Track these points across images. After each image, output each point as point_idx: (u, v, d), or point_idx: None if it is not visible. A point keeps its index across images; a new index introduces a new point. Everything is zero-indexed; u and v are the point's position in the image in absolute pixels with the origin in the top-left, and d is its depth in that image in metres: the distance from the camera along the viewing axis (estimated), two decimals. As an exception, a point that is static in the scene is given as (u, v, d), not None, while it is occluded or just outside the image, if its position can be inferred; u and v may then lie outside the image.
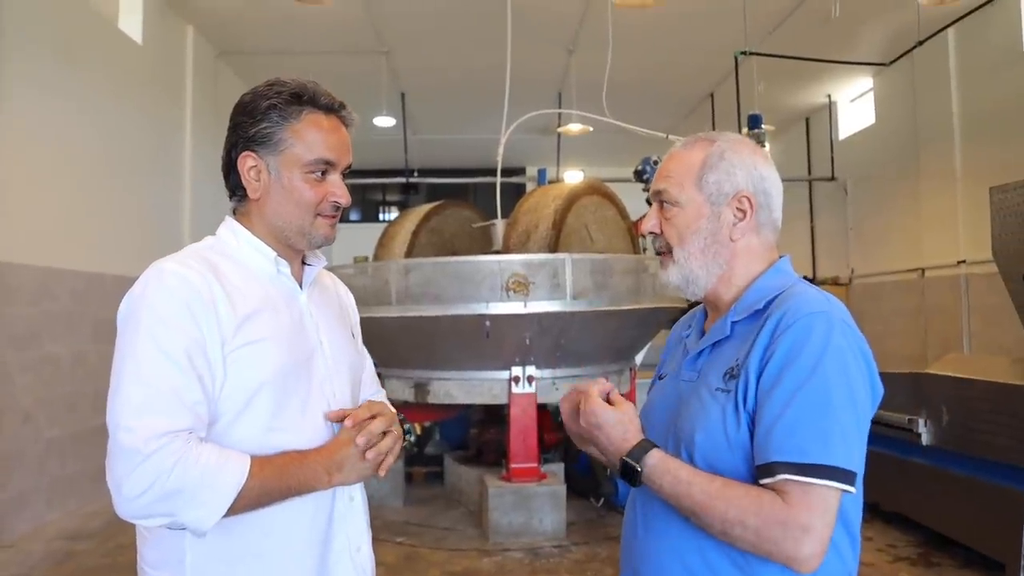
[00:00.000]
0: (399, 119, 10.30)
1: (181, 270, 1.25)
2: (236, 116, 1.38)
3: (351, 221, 15.90)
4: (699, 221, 1.33)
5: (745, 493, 1.15)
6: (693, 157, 1.35)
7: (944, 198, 8.17)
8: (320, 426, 1.35)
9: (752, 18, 7.29)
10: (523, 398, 5.15)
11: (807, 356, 1.17)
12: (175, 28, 7.61)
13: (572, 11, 7.67)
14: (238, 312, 1.27)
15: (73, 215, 5.75)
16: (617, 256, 5.49)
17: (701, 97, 10.56)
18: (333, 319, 1.49)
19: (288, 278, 1.40)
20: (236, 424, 1.26)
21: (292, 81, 1.36)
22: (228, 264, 1.34)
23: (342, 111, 1.40)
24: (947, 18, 7.20)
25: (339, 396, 1.41)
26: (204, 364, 1.22)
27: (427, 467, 6.72)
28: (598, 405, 1.30)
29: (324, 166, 1.35)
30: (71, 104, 5.73)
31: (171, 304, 1.22)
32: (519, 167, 13.77)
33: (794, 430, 1.14)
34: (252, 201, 1.38)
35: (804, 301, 1.24)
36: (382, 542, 4.95)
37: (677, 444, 1.28)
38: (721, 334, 1.31)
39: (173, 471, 1.13)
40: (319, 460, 1.29)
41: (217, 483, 1.17)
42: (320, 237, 1.38)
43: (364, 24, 7.84)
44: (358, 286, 5.41)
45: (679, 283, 1.36)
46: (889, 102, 9.49)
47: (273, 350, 1.29)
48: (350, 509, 1.40)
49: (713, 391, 1.26)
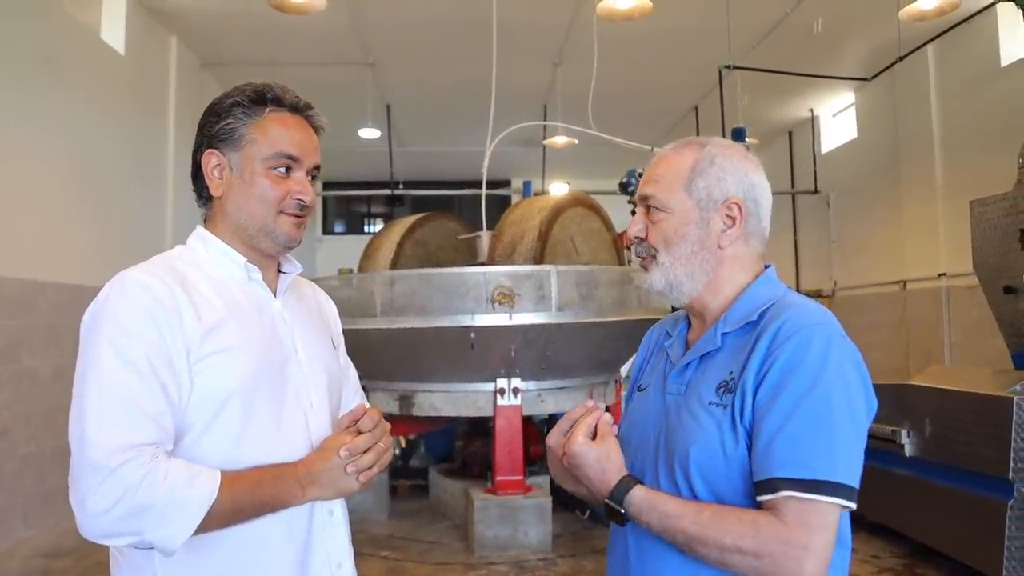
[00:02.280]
0: (384, 131, 10.29)
1: (144, 278, 1.23)
2: (203, 118, 1.37)
3: (336, 233, 15.85)
4: (687, 227, 1.29)
5: (739, 518, 1.11)
6: (683, 161, 1.31)
7: (925, 211, 8.26)
8: (297, 435, 1.31)
9: (736, 33, 7.37)
10: (508, 410, 5.12)
11: (807, 369, 1.13)
12: (158, 38, 7.57)
13: (558, 24, 7.71)
14: (204, 321, 1.24)
15: (55, 226, 5.68)
16: (602, 268, 5.49)
17: (686, 110, 10.64)
18: (310, 327, 1.46)
19: (260, 285, 1.37)
20: (206, 435, 1.22)
21: (259, 82, 1.36)
22: (196, 273, 1.31)
23: (308, 111, 1.38)
24: (927, 34, 7.30)
25: (316, 405, 1.37)
26: (168, 373, 1.18)
27: (412, 480, 6.68)
28: (576, 445, 1.24)
29: (287, 161, 1.32)
30: (53, 115, 5.68)
31: (133, 313, 1.19)
32: (504, 179, 13.80)
33: (797, 445, 1.10)
34: (216, 201, 1.36)
35: (801, 313, 1.20)
36: (366, 556, 4.90)
37: (670, 460, 1.23)
38: (711, 346, 1.27)
39: (140, 486, 1.10)
40: (293, 475, 1.24)
41: (186, 500, 1.13)
42: (284, 236, 1.34)
43: (349, 35, 7.85)
44: (343, 298, 5.38)
45: (662, 288, 1.31)
46: (871, 116, 9.60)
47: (241, 359, 1.25)
48: (330, 523, 1.36)
49: (706, 405, 1.21)
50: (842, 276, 10.29)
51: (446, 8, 7.25)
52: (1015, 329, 4.39)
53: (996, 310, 4.53)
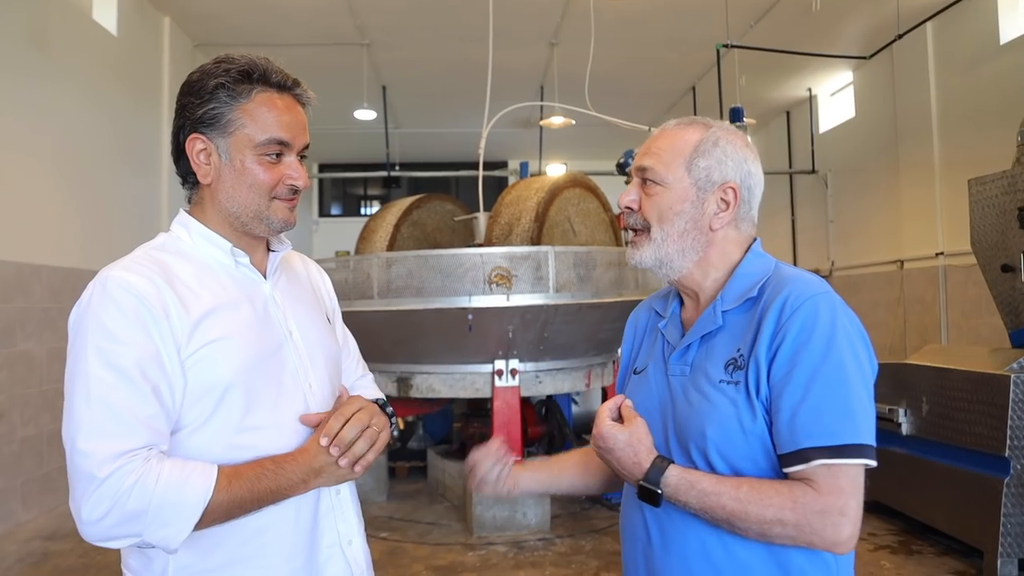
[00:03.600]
0: (380, 112, 10.23)
1: (127, 277, 1.19)
2: (183, 97, 1.30)
3: (332, 215, 15.79)
4: (683, 204, 1.29)
5: (776, 490, 1.14)
6: (687, 138, 1.31)
7: (923, 190, 8.24)
8: (298, 418, 1.30)
9: (733, 11, 7.30)
10: (506, 391, 5.13)
11: (818, 338, 1.17)
12: (151, 19, 7.49)
13: (554, 4, 7.64)
14: (191, 314, 1.21)
15: (48, 209, 5.65)
16: (600, 248, 5.47)
17: (683, 90, 10.57)
18: (304, 306, 1.43)
19: (249, 268, 1.34)
20: (205, 427, 1.21)
21: (242, 58, 1.28)
22: (181, 262, 1.28)
23: (296, 89, 1.32)
24: (926, 12, 7.25)
25: (316, 386, 1.35)
26: (159, 374, 1.17)
27: (410, 462, 6.70)
28: (605, 428, 1.25)
29: (278, 147, 1.28)
30: (44, 97, 5.62)
31: (117, 315, 1.16)
32: (501, 160, 13.75)
33: (820, 413, 1.14)
34: (204, 187, 1.32)
35: (804, 283, 1.23)
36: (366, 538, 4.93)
37: (683, 441, 1.25)
38: (712, 324, 1.28)
39: (132, 493, 1.10)
40: (296, 467, 1.23)
41: (181, 500, 1.12)
42: (279, 221, 1.31)
43: (344, 16, 7.76)
44: (339, 280, 5.36)
45: (652, 264, 1.32)
46: (869, 96, 9.55)
47: (234, 347, 1.23)
48: (337, 503, 1.36)
49: (717, 383, 1.23)
50: (839, 256, 10.29)
51: (441, -13, 7.18)
52: (1012, 308, 4.39)
53: (994, 289, 4.53)
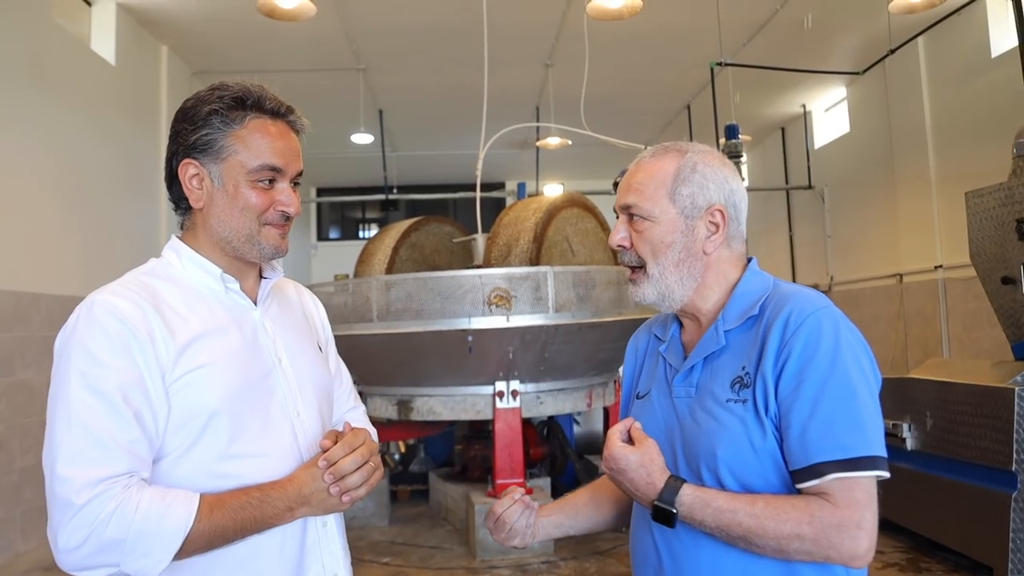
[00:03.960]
0: (377, 136, 10.28)
1: (113, 301, 1.19)
2: (176, 123, 1.31)
3: (331, 239, 15.82)
4: (673, 235, 1.30)
5: (792, 505, 1.14)
6: (664, 168, 1.32)
7: (920, 204, 8.26)
8: (285, 448, 1.28)
9: (727, 30, 7.37)
10: (508, 413, 5.10)
11: (823, 352, 1.17)
12: (149, 48, 7.54)
13: (548, 25, 7.70)
14: (178, 339, 1.20)
15: (47, 238, 5.65)
16: (599, 268, 5.48)
17: (678, 109, 10.64)
18: (295, 334, 1.42)
19: (239, 295, 1.34)
20: (189, 455, 1.20)
21: (236, 85, 1.29)
22: (170, 287, 1.28)
23: (290, 116, 1.32)
24: (917, 26, 7.31)
25: (304, 415, 1.34)
26: (142, 400, 1.16)
27: (412, 485, 6.65)
28: (616, 449, 1.24)
29: (271, 173, 1.28)
30: (44, 126, 5.65)
31: (102, 339, 1.15)
32: (498, 182, 13.79)
33: (830, 427, 1.14)
34: (196, 212, 1.32)
35: (806, 300, 1.24)
36: (368, 563, 4.88)
37: (692, 462, 1.25)
38: (715, 345, 1.29)
39: (110, 521, 1.08)
40: (282, 496, 1.21)
41: (161, 530, 1.10)
42: (270, 247, 1.31)
43: (340, 42, 7.83)
44: (338, 304, 5.36)
45: (654, 299, 1.33)
46: (863, 110, 9.61)
47: (220, 374, 1.22)
48: (324, 535, 1.34)
49: (724, 403, 1.23)
50: (838, 271, 10.29)
51: (436, 12, 7.24)
52: (1014, 320, 4.38)
53: (994, 301, 4.52)
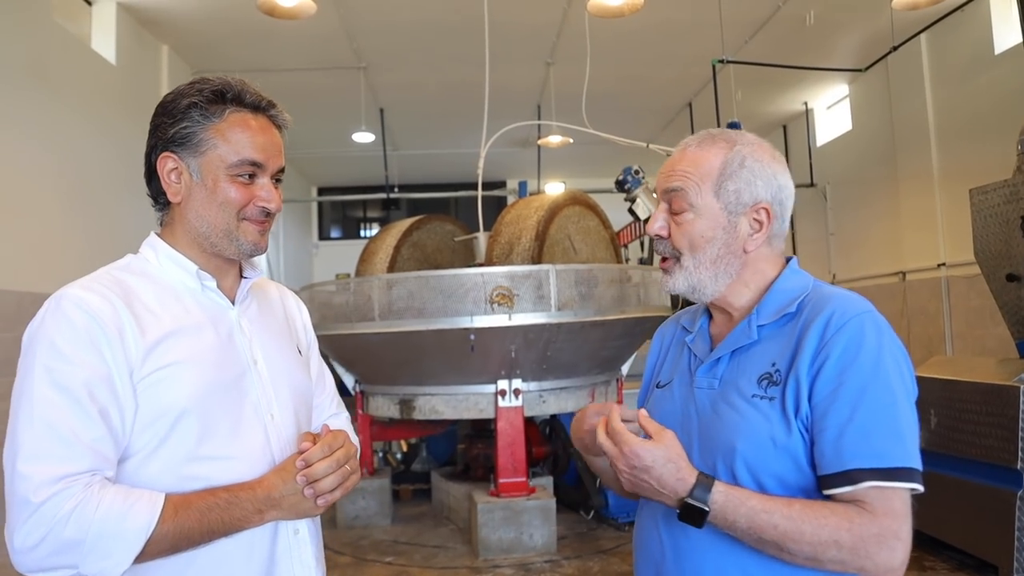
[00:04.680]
0: (378, 135, 10.26)
1: (83, 295, 1.17)
2: (156, 117, 1.29)
3: (332, 238, 15.80)
4: (714, 230, 1.25)
5: (830, 511, 1.09)
6: (711, 159, 1.26)
7: (923, 201, 8.24)
8: (257, 451, 1.25)
9: (728, 27, 7.34)
10: (510, 412, 5.09)
11: (865, 357, 1.13)
12: (150, 47, 7.53)
13: (549, 23, 7.68)
14: (148, 336, 1.18)
15: (49, 238, 5.64)
16: (601, 266, 5.46)
17: (680, 106, 10.61)
18: (273, 335, 1.39)
19: (216, 293, 1.31)
20: (156, 455, 1.17)
21: (216, 78, 1.27)
22: (144, 283, 1.26)
23: (271, 110, 1.30)
24: (920, 23, 7.28)
25: (278, 417, 1.31)
26: (109, 397, 1.13)
27: (414, 484, 6.65)
28: (636, 444, 1.13)
29: (251, 168, 1.25)
30: (44, 125, 5.64)
31: (69, 334, 1.13)
32: (500, 180, 13.77)
33: (868, 434, 1.10)
34: (175, 208, 1.30)
35: (848, 302, 1.19)
36: (370, 562, 4.87)
37: (709, 455, 1.21)
38: (746, 339, 1.25)
39: (69, 520, 1.05)
40: (250, 497, 1.18)
41: (122, 531, 1.07)
42: (248, 244, 1.28)
43: (340, 39, 7.81)
44: (340, 303, 5.35)
45: (684, 290, 1.28)
46: (865, 108, 9.58)
47: (191, 373, 1.20)
48: (295, 543, 1.29)
49: (749, 398, 1.19)
50: (841, 269, 10.27)
51: (437, 10, 7.22)
52: (1019, 317, 4.36)
53: (999, 299, 4.50)
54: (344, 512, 5.74)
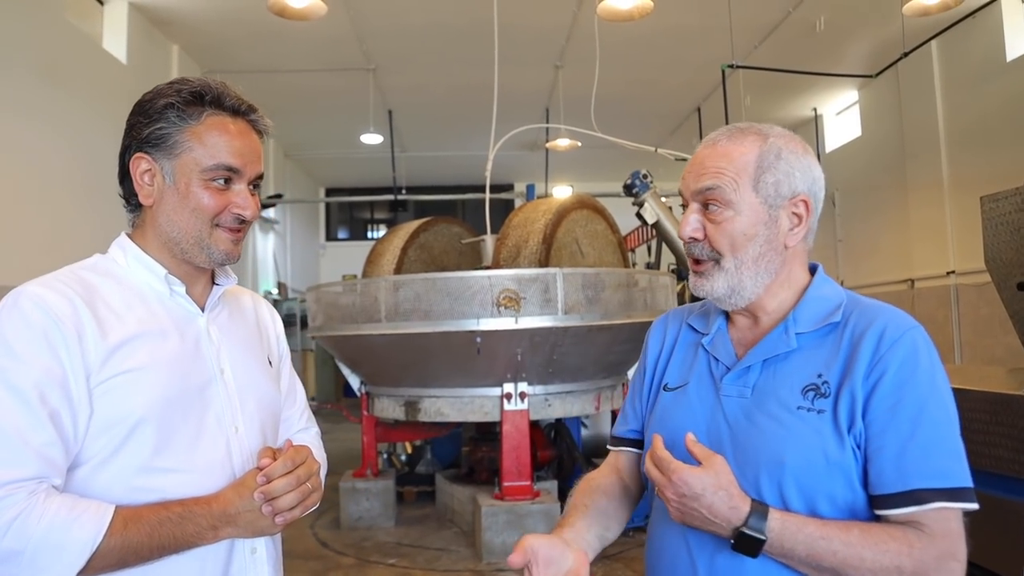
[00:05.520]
0: (386, 136, 10.29)
1: (42, 293, 1.12)
2: (132, 116, 1.25)
3: (339, 239, 15.84)
4: (756, 227, 1.18)
5: (889, 535, 1.05)
6: (745, 152, 1.19)
7: (932, 209, 8.20)
8: (217, 464, 1.20)
9: (739, 32, 7.33)
10: (515, 415, 5.07)
11: (922, 373, 1.09)
12: (160, 47, 7.57)
13: (559, 26, 7.69)
14: (109, 339, 1.13)
15: (58, 235, 5.66)
16: (608, 270, 5.44)
17: (688, 111, 10.61)
18: (242, 345, 1.33)
19: (184, 299, 1.26)
20: (109, 464, 1.12)
21: (196, 80, 1.22)
22: (110, 284, 1.21)
23: (251, 115, 1.25)
24: (931, 30, 7.26)
25: (243, 430, 1.25)
26: (62, 400, 1.08)
27: (418, 486, 6.63)
28: (687, 472, 1.07)
29: (227, 173, 1.20)
30: (55, 124, 5.67)
31: (24, 332, 1.08)
32: (507, 183, 13.79)
33: (930, 453, 1.06)
34: (146, 210, 1.25)
35: (899, 316, 1.16)
36: (373, 564, 4.86)
37: (750, 470, 1.14)
38: (784, 347, 1.18)
39: (9, 530, 0.99)
40: (206, 513, 1.12)
41: (64, 544, 1.01)
42: (220, 252, 1.23)
43: (350, 41, 7.83)
44: (346, 304, 5.34)
45: (723, 293, 1.21)
46: (875, 114, 9.55)
47: (151, 380, 1.15)
48: (252, 564, 1.23)
49: (794, 410, 1.13)
50: (849, 276, 10.22)
51: (447, 13, 7.23)
52: (1029, 326, 4.32)
53: (1010, 308, 4.46)
54: (348, 513, 5.73)
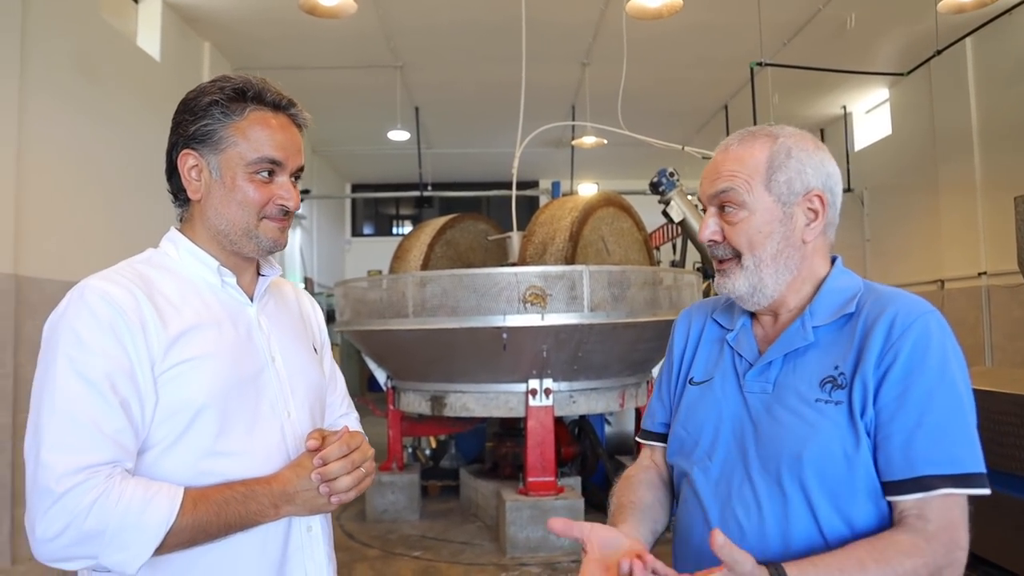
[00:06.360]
0: (413, 133, 10.35)
1: (106, 287, 1.17)
2: (178, 114, 1.30)
3: (364, 235, 15.96)
4: (771, 224, 1.22)
5: (903, 553, 1.04)
6: (756, 154, 1.23)
7: (964, 208, 8.08)
8: (273, 447, 1.26)
9: (767, 29, 7.27)
10: (540, 411, 5.11)
11: (933, 359, 1.11)
12: (192, 44, 7.68)
13: (586, 24, 7.68)
14: (170, 330, 1.19)
15: (93, 229, 5.78)
16: (634, 268, 5.45)
17: (715, 109, 10.54)
18: (290, 333, 1.39)
19: (235, 289, 1.32)
20: (174, 449, 1.18)
21: (238, 77, 1.28)
22: (166, 277, 1.26)
23: (291, 109, 1.30)
24: (965, 27, 7.14)
25: (295, 415, 1.31)
26: (130, 389, 1.13)
27: (443, 481, 6.69)
28: None
29: (270, 165, 1.26)
30: (92, 120, 5.79)
31: (92, 324, 1.13)
32: (532, 180, 13.80)
33: (940, 439, 1.08)
34: (195, 204, 1.31)
35: (911, 302, 1.18)
36: (399, 556, 4.92)
37: (771, 464, 1.16)
38: (802, 341, 1.21)
39: (91, 511, 1.05)
40: (267, 492, 1.19)
41: (142, 523, 1.07)
42: (269, 241, 1.29)
43: (378, 39, 7.89)
44: (372, 299, 5.41)
45: (745, 292, 1.24)
46: (906, 112, 9.42)
47: (211, 368, 1.20)
48: (308, 540, 1.30)
49: (812, 403, 1.15)
50: (877, 276, 10.10)
51: (474, 10, 7.26)
52: (1062, 329, 4.26)
53: (1042, 309, 4.40)
54: (373, 506, 5.80)
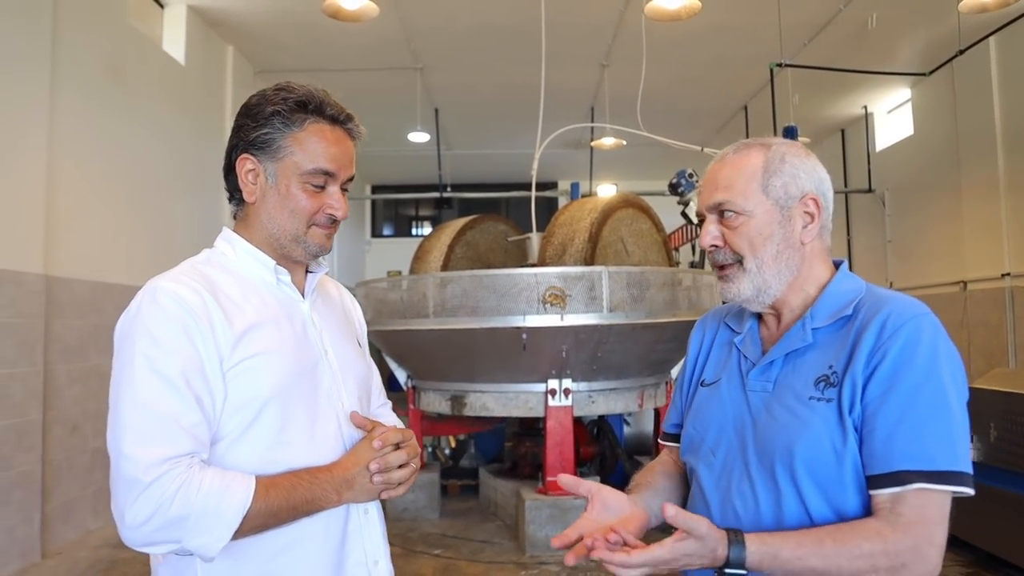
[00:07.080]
0: (433, 135, 10.41)
1: (175, 288, 1.24)
2: (240, 118, 1.36)
3: (384, 236, 16.06)
4: (771, 227, 1.27)
5: (863, 537, 1.10)
6: (751, 163, 1.29)
7: (987, 209, 8.00)
8: (331, 437, 1.34)
9: (787, 30, 7.25)
10: (559, 411, 5.14)
11: (920, 359, 1.15)
12: (216, 48, 7.80)
13: (605, 25, 7.70)
14: (235, 327, 1.25)
15: (121, 230, 5.90)
16: (653, 269, 5.47)
17: (735, 109, 10.51)
18: (337, 328, 1.47)
19: (289, 287, 1.39)
20: (243, 440, 1.25)
21: (301, 88, 1.34)
22: (225, 277, 1.33)
23: (348, 123, 1.36)
24: (988, 27, 7.08)
25: (348, 406, 1.39)
26: (202, 384, 1.20)
27: (462, 480, 6.74)
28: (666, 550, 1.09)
29: (323, 177, 1.32)
30: (119, 122, 5.91)
31: (165, 324, 1.21)
32: (551, 181, 13.83)
33: (919, 436, 1.12)
34: (249, 206, 1.38)
35: (905, 304, 1.22)
36: (419, 554, 4.97)
37: (766, 459, 1.22)
38: (801, 342, 1.26)
39: (175, 499, 1.13)
40: (329, 479, 1.27)
41: (221, 509, 1.15)
42: (316, 246, 1.36)
43: (399, 41, 7.96)
44: (392, 300, 5.47)
45: (750, 294, 1.29)
46: (928, 112, 9.34)
47: (274, 363, 1.28)
48: (365, 522, 1.38)
49: (806, 400, 1.21)
50: (898, 277, 10.03)
51: (494, 13, 7.31)
52: (1086, 330, 4.23)
53: (1065, 311, 4.37)
54: (394, 504, 5.86)
